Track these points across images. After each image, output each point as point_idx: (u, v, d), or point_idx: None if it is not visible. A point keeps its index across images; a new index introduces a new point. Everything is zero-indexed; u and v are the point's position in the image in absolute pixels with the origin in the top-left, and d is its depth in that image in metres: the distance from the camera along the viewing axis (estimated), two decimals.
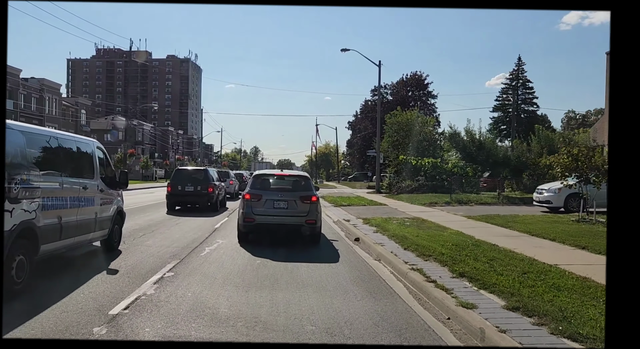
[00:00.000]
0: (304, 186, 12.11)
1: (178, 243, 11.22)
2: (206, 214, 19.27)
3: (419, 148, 38.74)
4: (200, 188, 21.35)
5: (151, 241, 11.42)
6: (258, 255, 10.02)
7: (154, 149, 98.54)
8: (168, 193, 21.25)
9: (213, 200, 21.54)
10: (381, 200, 27.57)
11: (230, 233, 13.40)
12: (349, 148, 73.65)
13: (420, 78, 59.47)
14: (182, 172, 22.40)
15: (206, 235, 12.71)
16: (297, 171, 20.28)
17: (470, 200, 24.14)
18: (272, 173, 13.67)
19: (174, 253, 9.73)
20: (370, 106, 61.28)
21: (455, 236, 11.85)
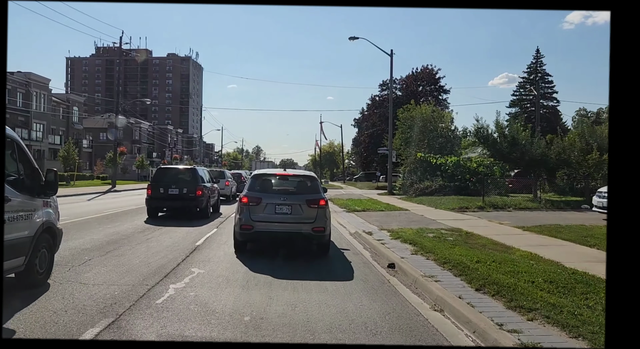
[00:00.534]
0: (310, 188, 10.37)
1: (132, 275, 7.60)
2: (193, 222, 15.75)
3: (435, 145, 35.15)
4: (187, 190, 17.78)
5: (94, 271, 7.81)
6: (252, 299, 6.43)
7: (151, 148, 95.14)
8: (148, 197, 17.68)
9: (202, 205, 17.96)
10: (399, 203, 23.96)
11: (215, 254, 9.82)
12: (355, 146, 69.99)
13: (432, 73, 55.79)
14: (165, 172, 18.81)
15: (180, 259, 9.10)
16: (303, 170, 16.77)
17: (506, 204, 20.51)
18: (274, 173, 11.75)
19: (115, 300, 6.09)
20: (379, 101, 57.60)
21: (534, 262, 8.24)
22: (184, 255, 9.61)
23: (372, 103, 59.54)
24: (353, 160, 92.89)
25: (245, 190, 10.30)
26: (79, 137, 65.08)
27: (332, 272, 8.54)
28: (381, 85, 57.85)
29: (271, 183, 10.87)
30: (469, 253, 8.96)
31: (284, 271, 8.34)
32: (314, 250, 10.11)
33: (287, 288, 7.09)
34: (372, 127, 56.44)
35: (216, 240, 11.82)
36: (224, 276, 7.75)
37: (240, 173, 34.14)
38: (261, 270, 8.18)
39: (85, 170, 62.81)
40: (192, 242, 11.31)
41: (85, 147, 64.31)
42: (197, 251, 10.05)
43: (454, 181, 27.87)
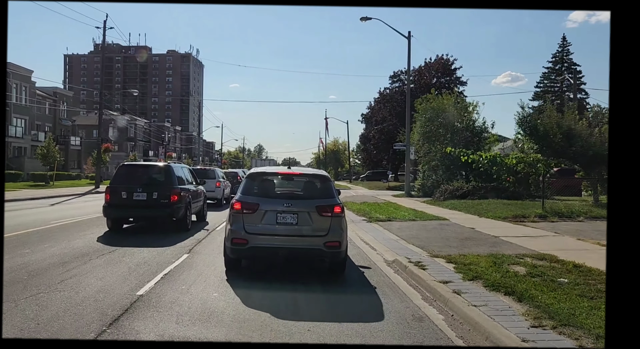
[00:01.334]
0: (321, 191, 8.21)
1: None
2: (164, 238, 11.52)
3: (460, 139, 30.65)
4: (158, 195, 13.36)
5: None
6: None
7: (147, 146, 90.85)
8: (106, 204, 13.26)
9: (179, 214, 13.55)
10: (427, 209, 19.48)
11: (163, 322, 5.37)
12: (362, 144, 65.31)
13: (447, 63, 51.15)
14: (129, 171, 14.30)
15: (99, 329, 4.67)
16: (312, 169, 12.40)
17: (572, 211, 15.98)
18: (275, 171, 9.36)
19: None
20: (389, 94, 52.97)
21: None
22: (118, 311, 5.15)
23: (382, 97, 54.89)
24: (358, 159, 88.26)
25: (239, 194, 8.03)
26: (68, 134, 60.73)
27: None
28: (392, 77, 53.28)
29: (272, 184, 8.66)
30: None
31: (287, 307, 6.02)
32: (328, 273, 7.98)
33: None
34: (382, 122, 51.86)
35: (180, 279, 7.37)
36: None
37: (235, 173, 29.59)
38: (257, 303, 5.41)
39: (73, 169, 58.51)
40: (135, 286, 6.83)
41: (74, 145, 59.92)
42: (128, 316, 5.53)
43: (490, 181, 23.39)
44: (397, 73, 53.20)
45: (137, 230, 13.56)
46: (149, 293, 6.45)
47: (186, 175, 15.37)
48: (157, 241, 11.19)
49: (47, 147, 39.89)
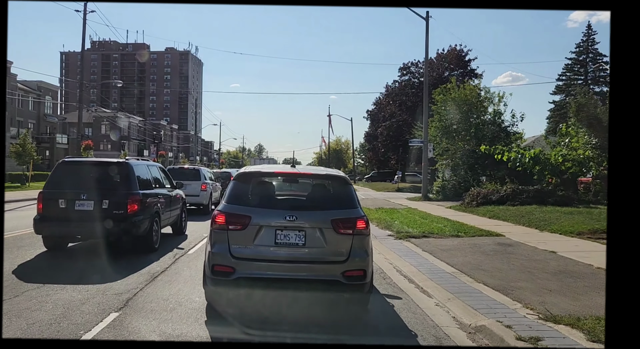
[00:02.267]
0: (339, 199, 5.87)
1: None
2: (115, 264, 7.91)
3: (485, 134, 26.88)
4: (110, 203, 9.58)
5: None
6: None
7: (142, 145, 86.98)
8: (38, 217, 9.48)
9: (140, 229, 9.77)
10: (463, 218, 15.69)
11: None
12: (368, 142, 61.40)
13: (460, 54, 47.29)
14: (71, 170, 10.38)
15: None
16: (324, 168, 8.81)
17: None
18: (273, 171, 6.78)
19: None
20: (399, 88, 49.01)
21: None
22: None
23: (390, 91, 51.01)
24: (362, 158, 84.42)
25: (223, 202, 5.74)
26: (54, 131, 56.91)
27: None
28: (401, 69, 49.23)
29: (270, 189, 6.30)
30: None
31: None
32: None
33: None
34: (390, 117, 47.95)
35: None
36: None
37: (228, 173, 25.67)
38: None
39: None
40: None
41: (60, 143, 56.13)
42: None
43: (529, 183, 19.56)
44: (407, 65, 49.28)
45: (85, 251, 9.84)
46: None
47: (154, 175, 11.55)
48: (98, 272, 7.51)
49: (21, 144, 36.05)
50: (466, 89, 28.06)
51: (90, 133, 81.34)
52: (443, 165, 29.25)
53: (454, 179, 27.04)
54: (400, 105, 47.03)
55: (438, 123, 28.45)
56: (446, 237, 11.28)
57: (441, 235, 11.54)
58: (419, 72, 47.93)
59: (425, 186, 27.59)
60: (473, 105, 27.69)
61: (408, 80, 49.23)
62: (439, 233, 11.69)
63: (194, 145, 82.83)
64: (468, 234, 11.60)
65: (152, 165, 11.93)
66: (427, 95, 27.77)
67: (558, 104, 49.23)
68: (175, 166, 18.57)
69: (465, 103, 27.53)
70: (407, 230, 12.13)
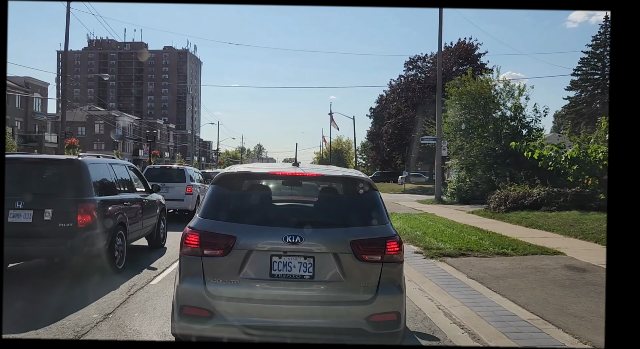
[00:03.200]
0: (360, 210, 4.33)
1: None
2: (47, 301, 5.67)
3: (505, 131, 24.45)
4: (53, 214, 7.24)
5: None
6: None
7: (138, 145, 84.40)
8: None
9: (95, 248, 7.47)
10: (494, 227, 13.29)
11: None
12: (371, 141, 58.89)
13: (470, 48, 44.83)
14: (6, 169, 8.06)
15: None
16: (337, 168, 5.84)
17: None
18: (268, 171, 4.87)
19: None
20: (405, 83, 46.48)
21: None
22: None
23: (395, 87, 48.49)
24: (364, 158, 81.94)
25: (197, 216, 4.19)
26: (43, 130, 54.47)
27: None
28: (407, 63, 46.74)
29: (263, 197, 4.53)
30: None
31: None
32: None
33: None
34: (396, 114, 45.45)
35: None
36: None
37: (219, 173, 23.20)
38: None
39: None
40: None
41: (50, 142, 53.71)
42: None
43: (563, 185, 17.11)
44: (414, 59, 46.80)
45: (25, 275, 7.49)
46: None
47: (120, 177, 9.14)
48: (19, 312, 5.15)
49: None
50: (483, 81, 25.65)
51: (83, 133, 79.05)
52: (456, 164, 26.77)
53: (469, 180, 24.60)
54: (408, 101, 44.56)
55: (452, 119, 26.03)
56: (491, 256, 8.85)
57: (483, 252, 9.11)
58: (426, 66, 45.52)
59: (438, 187, 25.15)
60: (491, 98, 25.27)
61: (415, 75, 46.76)
62: (479, 250, 9.26)
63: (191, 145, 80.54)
64: (517, 251, 9.16)
65: (117, 163, 9.50)
66: (440, 88, 25.35)
67: (573, 100, 46.69)
68: (155, 165, 16.12)
69: (482, 97, 25.10)
70: (437, 245, 9.69)
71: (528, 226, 13.30)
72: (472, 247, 9.48)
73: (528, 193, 16.57)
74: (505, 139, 23.78)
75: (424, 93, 42.72)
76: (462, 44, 45.35)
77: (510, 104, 25.16)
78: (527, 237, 11.09)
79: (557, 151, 16.83)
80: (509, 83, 25.00)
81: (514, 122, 24.66)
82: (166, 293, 6.39)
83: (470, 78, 25.96)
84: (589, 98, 43.76)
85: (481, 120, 25.11)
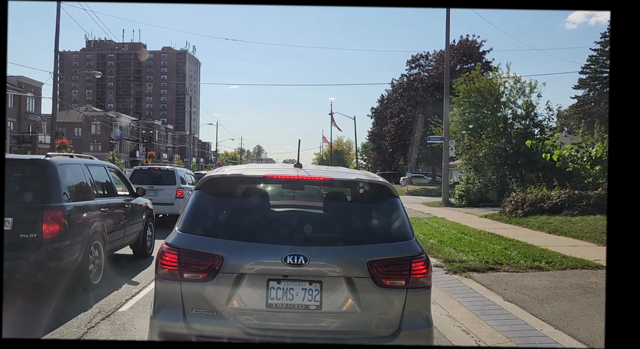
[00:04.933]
0: (378, 222, 3.50)
1: None
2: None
3: (518, 130, 23.35)
4: (15, 223, 6.22)
5: None
6: None
7: (135, 146, 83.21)
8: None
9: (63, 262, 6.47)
10: (515, 233, 12.15)
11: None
12: (372, 142, 57.71)
13: (473, 46, 43.71)
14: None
15: None
16: (349, 170, 4.81)
17: None
18: (263, 175, 3.66)
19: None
20: (407, 82, 45.29)
21: None
22: None
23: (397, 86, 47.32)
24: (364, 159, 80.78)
25: (176, 229, 3.46)
26: (37, 130, 53.30)
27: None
28: (410, 62, 45.54)
29: (258, 206, 3.73)
30: None
31: None
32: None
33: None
34: (398, 114, 44.29)
35: None
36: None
37: None
38: None
39: None
40: None
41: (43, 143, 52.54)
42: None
43: (582, 187, 15.98)
44: (416, 58, 45.66)
45: None
46: None
47: (97, 179, 8.00)
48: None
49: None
50: (493, 78, 24.52)
51: (80, 134, 77.96)
52: (464, 165, 25.64)
53: (479, 182, 23.47)
54: (410, 100, 43.44)
55: (460, 118, 24.92)
56: (524, 270, 7.68)
57: (514, 266, 7.94)
58: (429, 64, 44.35)
59: (446, 189, 24.00)
60: (500, 96, 24.16)
61: (417, 74, 45.62)
62: (509, 263, 8.09)
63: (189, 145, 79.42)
64: (553, 265, 7.98)
65: (94, 164, 8.33)
66: (447, 86, 24.22)
67: (582, 99, 45.45)
68: (143, 166, 15.01)
69: (492, 94, 23.99)
70: (459, 257, 8.54)
71: (552, 233, 12.15)
72: (499, 259, 8.32)
73: (547, 196, 15.42)
74: (516, 138, 22.67)
75: (427, 92, 41.61)
76: (465, 42, 44.25)
77: (521, 102, 24.07)
78: (557, 246, 9.94)
79: (577, 150, 15.70)
80: (520, 80, 23.87)
81: (525, 121, 23.55)
82: (136, 325, 5.24)
83: (479, 74, 24.85)
84: (598, 96, 42.56)
85: (490, 118, 24.00)
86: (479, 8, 1.42)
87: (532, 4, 1.42)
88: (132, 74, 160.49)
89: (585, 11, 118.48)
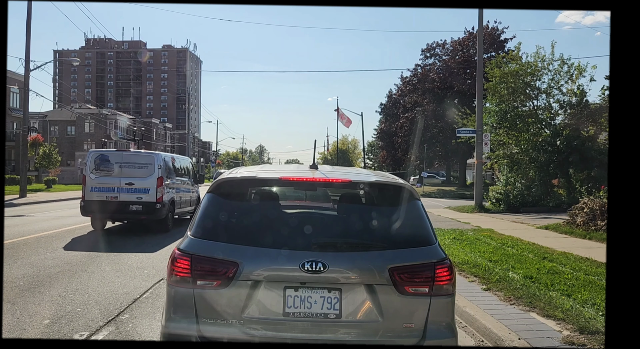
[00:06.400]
0: (400, 227, 3.33)
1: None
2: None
3: (565, 122, 19.59)
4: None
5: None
6: None
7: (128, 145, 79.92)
8: None
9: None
10: None
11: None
12: (381, 140, 53.94)
13: (494, 34, 39.99)
14: None
15: None
16: (367, 171, 3.62)
17: None
18: (279, 177, 3.59)
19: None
20: (421, 74, 41.35)
21: None
22: None
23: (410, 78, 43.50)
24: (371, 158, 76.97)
25: (188, 234, 3.37)
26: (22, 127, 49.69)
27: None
28: (425, 51, 41.62)
29: (273, 210, 3.65)
30: None
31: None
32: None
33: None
34: (412, 108, 40.55)
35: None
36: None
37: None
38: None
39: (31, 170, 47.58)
40: None
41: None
42: None
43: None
44: (432, 46, 41.87)
45: None
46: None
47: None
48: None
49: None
50: (534, 62, 20.61)
51: (73, 132, 74.74)
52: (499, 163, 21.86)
53: (520, 183, 19.69)
54: (425, 93, 39.64)
55: (494, 107, 21.14)
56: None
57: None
58: (446, 53, 40.57)
59: (479, 192, 20.20)
60: (541, 80, 20.38)
61: (433, 64, 41.84)
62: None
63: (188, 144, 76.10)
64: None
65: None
66: (480, 71, 20.45)
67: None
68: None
69: (533, 77, 20.22)
70: (584, 315, 4.78)
71: None
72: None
73: None
74: (566, 130, 18.91)
75: (445, 83, 37.90)
76: (486, 29, 40.44)
77: (566, 89, 20.27)
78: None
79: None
80: (567, 62, 20.02)
81: (575, 110, 19.75)
82: None
83: (517, 55, 21.08)
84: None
85: (531, 107, 20.25)
86: (481, 8, 1.15)
87: (532, 4, 1.42)
88: (132, 73, 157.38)
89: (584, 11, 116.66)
